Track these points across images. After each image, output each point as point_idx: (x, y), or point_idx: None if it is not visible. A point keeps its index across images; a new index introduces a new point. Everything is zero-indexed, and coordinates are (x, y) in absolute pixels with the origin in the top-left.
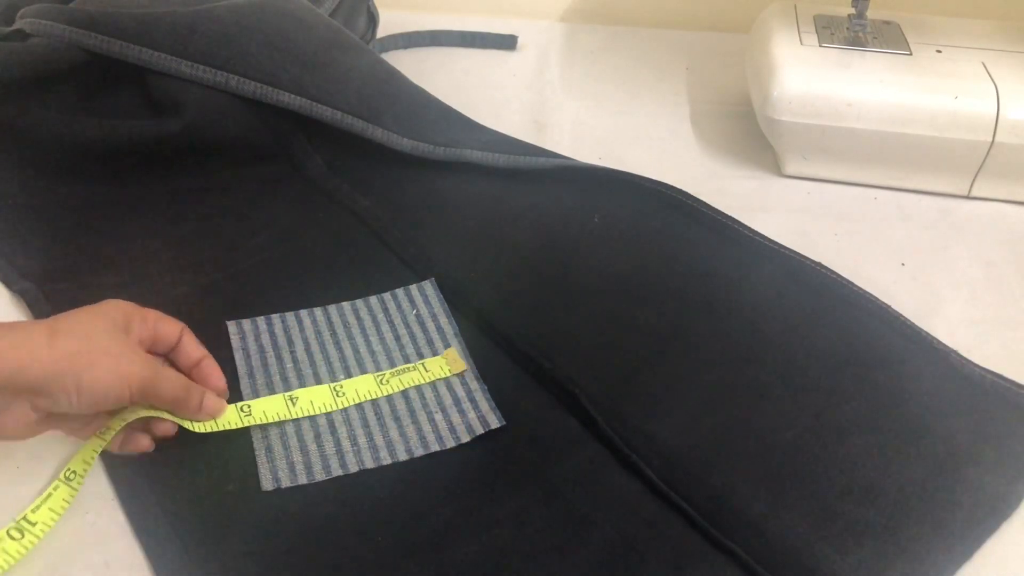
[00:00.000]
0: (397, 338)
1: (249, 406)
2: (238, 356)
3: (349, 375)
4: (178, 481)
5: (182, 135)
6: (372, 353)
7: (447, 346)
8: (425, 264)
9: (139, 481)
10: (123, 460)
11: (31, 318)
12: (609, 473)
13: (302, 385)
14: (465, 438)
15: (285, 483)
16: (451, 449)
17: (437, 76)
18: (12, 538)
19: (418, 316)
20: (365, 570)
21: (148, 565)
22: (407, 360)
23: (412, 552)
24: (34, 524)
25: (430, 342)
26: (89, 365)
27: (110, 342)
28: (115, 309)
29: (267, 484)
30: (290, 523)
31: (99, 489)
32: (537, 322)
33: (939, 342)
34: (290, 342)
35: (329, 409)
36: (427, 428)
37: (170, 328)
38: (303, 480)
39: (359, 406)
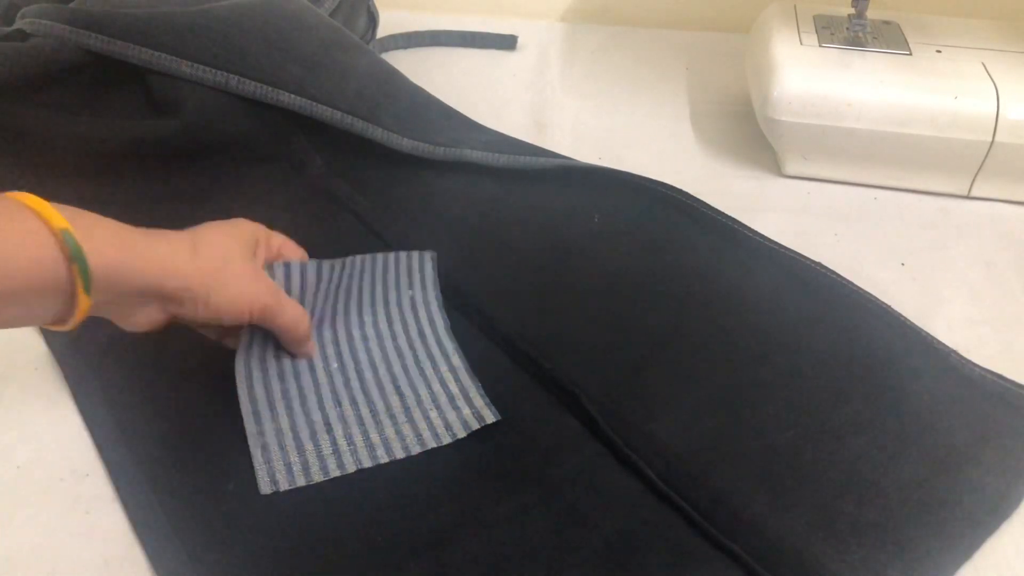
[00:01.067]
0: (390, 324)
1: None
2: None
3: (341, 361)
4: (178, 481)
5: (182, 135)
6: (364, 339)
7: (438, 340)
8: None
9: (139, 481)
10: (123, 460)
11: None
12: (609, 473)
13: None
14: (461, 434)
15: (283, 486)
16: (451, 449)
17: (437, 76)
18: None
19: (412, 301)
20: (365, 570)
21: (148, 565)
22: (399, 352)
23: (412, 552)
24: None
25: (421, 334)
26: (222, 284)
27: (243, 265)
28: (247, 231)
29: (265, 488)
30: (290, 523)
31: (99, 489)
32: (537, 322)
33: (939, 342)
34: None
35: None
36: (423, 426)
37: (291, 254)
38: (301, 482)
39: (354, 403)
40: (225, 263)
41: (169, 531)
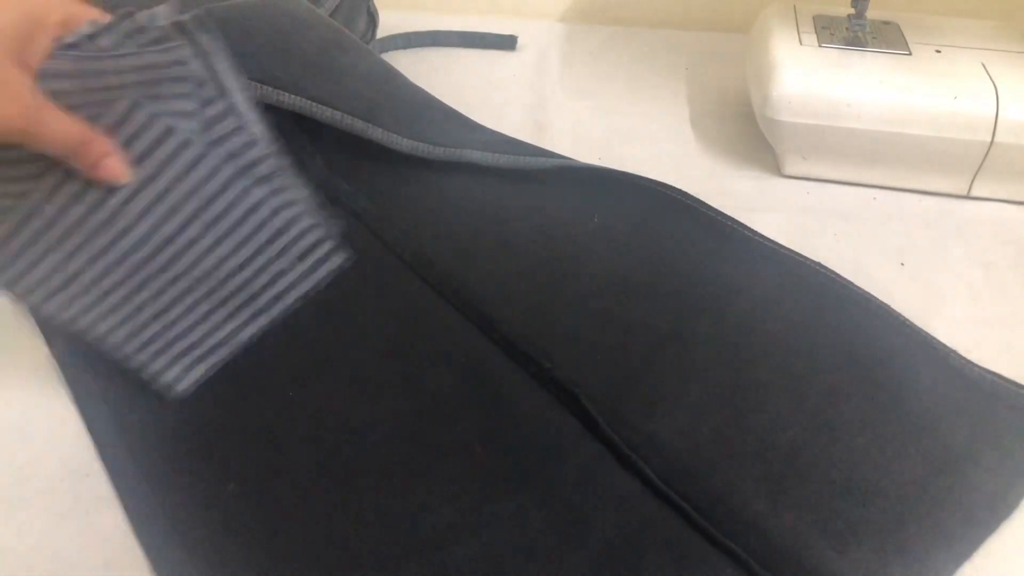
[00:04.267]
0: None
1: None
2: None
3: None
4: (178, 481)
5: None
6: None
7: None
8: (425, 264)
9: (139, 481)
10: (123, 460)
11: (32, 317)
12: (609, 473)
13: None
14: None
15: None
16: (451, 448)
17: (437, 76)
18: None
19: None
20: (365, 570)
21: (148, 565)
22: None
23: (412, 552)
24: None
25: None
26: None
27: None
28: (11, 20)
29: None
30: (290, 523)
31: (99, 489)
32: (537, 322)
33: (939, 342)
34: None
35: None
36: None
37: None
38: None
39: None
40: None
41: (169, 531)
